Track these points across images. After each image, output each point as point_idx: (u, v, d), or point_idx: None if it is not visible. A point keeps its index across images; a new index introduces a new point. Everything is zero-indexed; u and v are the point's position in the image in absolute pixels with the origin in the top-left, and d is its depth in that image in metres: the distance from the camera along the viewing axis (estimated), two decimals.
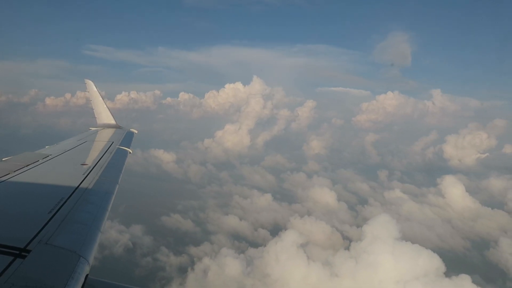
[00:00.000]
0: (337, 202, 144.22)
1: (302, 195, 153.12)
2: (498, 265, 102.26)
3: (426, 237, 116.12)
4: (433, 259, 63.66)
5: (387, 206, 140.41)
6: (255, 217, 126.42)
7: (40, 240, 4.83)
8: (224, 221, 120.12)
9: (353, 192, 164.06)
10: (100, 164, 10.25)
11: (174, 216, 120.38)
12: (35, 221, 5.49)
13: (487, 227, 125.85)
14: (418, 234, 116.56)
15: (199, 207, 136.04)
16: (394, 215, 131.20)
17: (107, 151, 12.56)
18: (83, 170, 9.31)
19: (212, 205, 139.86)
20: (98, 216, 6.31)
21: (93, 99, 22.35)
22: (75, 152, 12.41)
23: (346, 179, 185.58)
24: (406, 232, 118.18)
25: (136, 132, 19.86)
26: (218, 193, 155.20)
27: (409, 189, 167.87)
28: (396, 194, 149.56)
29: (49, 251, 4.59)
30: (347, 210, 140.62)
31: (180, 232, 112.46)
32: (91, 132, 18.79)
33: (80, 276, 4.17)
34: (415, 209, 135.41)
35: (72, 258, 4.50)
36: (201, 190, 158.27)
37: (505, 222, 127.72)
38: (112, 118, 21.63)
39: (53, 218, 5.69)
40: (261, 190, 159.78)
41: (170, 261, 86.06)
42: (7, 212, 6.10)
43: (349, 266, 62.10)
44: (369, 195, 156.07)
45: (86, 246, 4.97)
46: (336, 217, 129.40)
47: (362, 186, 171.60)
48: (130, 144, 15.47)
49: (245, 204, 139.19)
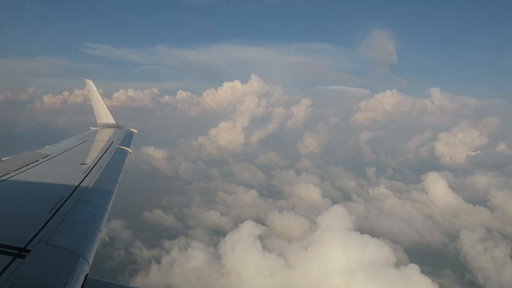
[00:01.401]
0: (322, 198, 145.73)
1: (288, 191, 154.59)
2: (467, 258, 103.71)
3: (404, 232, 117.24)
4: (383, 249, 65.05)
5: (370, 202, 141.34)
6: (237, 213, 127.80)
7: (40, 239, 4.82)
8: (205, 217, 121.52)
9: (339, 189, 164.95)
10: (100, 163, 10.24)
11: (156, 212, 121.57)
12: (35, 220, 5.48)
13: (468, 223, 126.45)
14: (396, 229, 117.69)
15: (184, 203, 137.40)
16: (375, 211, 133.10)
17: (107, 151, 12.57)
18: (83, 169, 9.33)
19: (197, 201, 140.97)
20: (98, 216, 6.33)
21: (93, 99, 22.38)
22: (75, 152, 12.46)
23: (335, 176, 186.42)
24: (384, 227, 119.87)
25: (136, 132, 19.96)
26: (205, 190, 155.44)
27: (396, 186, 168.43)
28: (381, 191, 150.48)
29: (48, 250, 4.60)
30: (331, 206, 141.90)
31: (161, 227, 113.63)
32: (91, 131, 18.82)
33: (79, 276, 4.19)
34: (397, 205, 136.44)
35: (72, 258, 4.52)
36: (188, 187, 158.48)
37: (485, 218, 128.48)
38: (112, 118, 21.68)
39: (52, 217, 5.69)
40: (249, 186, 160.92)
41: (142, 254, 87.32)
42: (7, 211, 6.09)
43: (301, 256, 63.59)
44: (354, 192, 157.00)
45: (86, 246, 4.99)
46: (318, 213, 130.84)
47: (350, 183, 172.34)
48: (130, 144, 15.56)
49: (229, 200, 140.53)
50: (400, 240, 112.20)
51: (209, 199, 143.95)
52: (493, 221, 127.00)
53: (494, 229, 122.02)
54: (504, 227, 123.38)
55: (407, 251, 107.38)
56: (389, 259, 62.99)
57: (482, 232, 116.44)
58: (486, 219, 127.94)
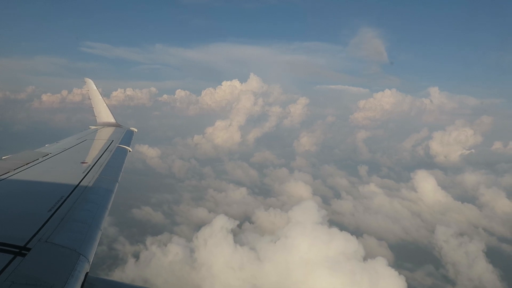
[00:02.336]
0: (311, 196, 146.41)
1: (278, 189, 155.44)
2: (441, 253, 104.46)
3: (390, 229, 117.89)
4: (351, 243, 65.91)
5: (359, 200, 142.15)
6: (225, 210, 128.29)
7: (40, 238, 4.79)
8: (193, 214, 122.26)
9: (331, 187, 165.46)
10: (100, 162, 10.18)
11: (145, 209, 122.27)
12: (35, 219, 5.45)
13: (455, 220, 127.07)
14: (382, 226, 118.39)
15: (174, 200, 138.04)
16: (363, 208, 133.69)
17: (107, 150, 12.52)
18: (83, 168, 9.27)
19: (187, 198, 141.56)
20: (98, 214, 6.30)
21: (93, 98, 22.18)
22: (75, 151, 12.40)
23: (328, 174, 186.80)
24: (370, 224, 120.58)
25: (136, 131, 19.88)
26: (196, 187, 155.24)
27: (387, 184, 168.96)
28: (371, 189, 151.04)
29: (49, 249, 4.58)
30: (321, 203, 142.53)
31: (149, 223, 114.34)
32: (91, 130, 18.70)
33: (80, 274, 4.17)
34: (385, 202, 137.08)
35: (72, 256, 4.49)
36: (179, 184, 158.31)
37: (473, 216, 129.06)
38: (112, 117, 21.54)
39: (53, 216, 5.65)
40: (241, 184, 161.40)
41: (124, 249, 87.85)
42: (7, 210, 6.05)
43: (271, 250, 64.58)
44: (345, 190, 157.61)
45: (86, 245, 4.96)
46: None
47: (342, 181, 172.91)
48: (130, 142, 15.54)
49: (219, 197, 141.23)
50: (385, 237, 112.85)
51: (199, 196, 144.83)
52: (481, 219, 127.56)
53: (481, 226, 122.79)
54: (491, 224, 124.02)
55: (392, 248, 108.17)
56: (357, 252, 64.07)
57: (462, 228, 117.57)
58: (474, 216, 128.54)
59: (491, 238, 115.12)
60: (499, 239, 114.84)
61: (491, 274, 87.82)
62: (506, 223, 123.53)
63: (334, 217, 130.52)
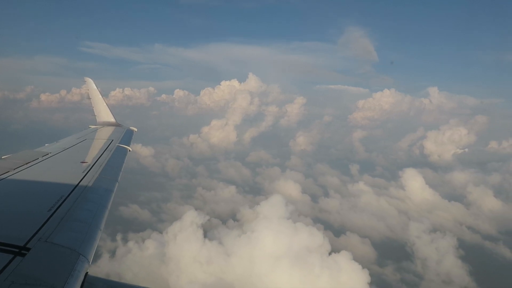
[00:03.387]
0: (301, 194, 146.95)
1: (268, 188, 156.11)
2: (413, 249, 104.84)
3: (374, 227, 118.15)
4: (317, 238, 66.60)
5: (347, 198, 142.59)
6: (212, 208, 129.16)
7: (39, 238, 4.76)
8: (179, 211, 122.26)
9: (321, 185, 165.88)
10: (99, 162, 10.11)
11: (132, 206, 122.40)
12: (35, 219, 5.41)
13: (442, 218, 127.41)
14: (367, 224, 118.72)
15: (162, 198, 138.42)
16: (350, 206, 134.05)
17: (106, 149, 12.46)
18: (82, 168, 9.22)
19: (176, 196, 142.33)
20: (98, 214, 6.28)
21: (93, 97, 22.03)
22: (75, 150, 12.30)
23: (321, 173, 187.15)
24: (355, 222, 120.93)
25: (136, 130, 19.81)
26: (186, 186, 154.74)
27: (378, 182, 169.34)
28: (360, 187, 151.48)
29: (48, 249, 4.54)
30: (309, 202, 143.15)
31: (135, 221, 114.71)
32: (90, 130, 18.56)
33: (79, 274, 4.15)
34: (372, 201, 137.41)
35: (72, 256, 4.47)
36: (170, 183, 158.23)
37: (459, 214, 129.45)
38: (111, 116, 21.40)
39: (52, 216, 5.62)
40: (232, 183, 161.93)
41: (105, 245, 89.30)
42: (7, 210, 6.00)
43: (238, 244, 65.37)
44: (336, 189, 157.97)
45: (86, 244, 4.94)
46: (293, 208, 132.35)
47: (333, 180, 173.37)
48: (129, 142, 15.47)
49: (208, 195, 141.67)
50: (369, 234, 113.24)
51: (189, 194, 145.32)
52: (467, 217, 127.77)
53: (466, 224, 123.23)
54: (477, 222, 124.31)
55: (375, 245, 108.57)
56: (323, 247, 64.81)
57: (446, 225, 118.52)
58: (460, 214, 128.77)
59: (474, 236, 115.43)
60: (483, 237, 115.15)
61: (459, 269, 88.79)
62: (492, 221, 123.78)
63: (320, 215, 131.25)
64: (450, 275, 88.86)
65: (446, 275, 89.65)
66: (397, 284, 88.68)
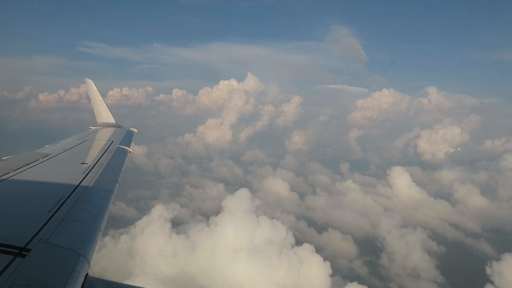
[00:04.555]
0: (289, 192, 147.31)
1: (257, 186, 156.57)
2: (383, 243, 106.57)
3: (358, 224, 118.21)
4: (280, 231, 67.06)
5: (334, 196, 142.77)
6: (198, 205, 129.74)
7: (40, 239, 4.72)
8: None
9: (311, 184, 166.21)
10: (100, 163, 10.07)
11: (118, 204, 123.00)
12: (35, 220, 5.36)
13: (427, 216, 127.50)
14: (350, 221, 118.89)
15: (150, 196, 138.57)
16: (336, 204, 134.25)
17: (107, 150, 12.40)
18: (83, 169, 9.15)
19: (165, 194, 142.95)
20: (98, 215, 6.23)
21: (93, 98, 21.83)
22: (75, 151, 12.22)
23: (312, 172, 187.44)
24: (339, 219, 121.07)
25: (136, 131, 19.68)
26: (175, 184, 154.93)
27: (368, 181, 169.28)
28: (348, 185, 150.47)
29: (49, 250, 4.51)
30: (297, 199, 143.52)
31: (120, 218, 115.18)
32: (91, 131, 18.46)
33: (80, 275, 4.12)
34: (358, 198, 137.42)
35: (72, 257, 4.43)
36: (160, 181, 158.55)
37: (444, 211, 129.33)
38: (112, 117, 21.24)
39: (53, 217, 5.57)
40: (224, 182, 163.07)
41: None
42: (7, 211, 5.93)
43: (203, 237, 65.88)
44: (324, 187, 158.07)
45: (86, 245, 4.89)
46: (279, 205, 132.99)
47: (323, 178, 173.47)
48: (130, 143, 15.36)
49: (195, 193, 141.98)
50: (352, 231, 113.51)
51: (177, 192, 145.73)
52: (452, 214, 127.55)
53: (450, 221, 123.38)
54: (462, 220, 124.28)
55: (357, 241, 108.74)
56: (286, 240, 65.27)
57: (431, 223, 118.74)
58: (445, 212, 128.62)
59: (457, 233, 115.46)
60: (465, 234, 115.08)
61: (428, 263, 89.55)
62: (476, 218, 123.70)
63: (306, 212, 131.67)
64: (419, 269, 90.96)
65: (414, 269, 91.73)
66: (366, 276, 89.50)
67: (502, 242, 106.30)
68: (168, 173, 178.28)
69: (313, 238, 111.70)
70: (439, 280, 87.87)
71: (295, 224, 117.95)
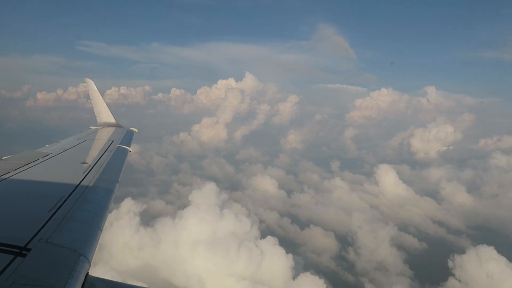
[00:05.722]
0: (277, 189, 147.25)
1: (246, 183, 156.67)
2: (353, 238, 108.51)
3: (341, 221, 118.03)
4: (245, 225, 67.37)
5: (320, 193, 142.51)
6: (184, 202, 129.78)
7: (40, 238, 4.70)
8: (150, 206, 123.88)
9: (301, 181, 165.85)
10: (100, 162, 10.04)
11: None
12: (36, 219, 5.35)
13: (411, 213, 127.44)
14: (333, 218, 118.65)
15: (138, 193, 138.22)
16: (321, 201, 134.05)
17: (107, 150, 12.39)
18: (83, 168, 9.12)
19: (152, 192, 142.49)
20: (98, 214, 6.22)
21: (93, 98, 21.81)
22: (75, 151, 12.16)
23: (303, 170, 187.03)
24: (322, 216, 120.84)
25: (136, 131, 19.65)
26: (165, 182, 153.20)
27: (358, 179, 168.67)
28: (335, 183, 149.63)
29: (49, 249, 4.50)
30: (284, 197, 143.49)
31: None
32: (91, 130, 18.41)
33: (80, 275, 4.11)
34: (345, 196, 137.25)
35: (73, 257, 4.43)
36: (149, 179, 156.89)
37: (429, 208, 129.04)
38: (112, 117, 21.25)
39: (53, 216, 5.56)
40: (213, 179, 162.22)
41: None
42: (7, 210, 5.91)
43: (168, 231, 66.23)
44: (313, 184, 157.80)
45: (86, 245, 4.90)
46: (265, 202, 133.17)
47: (313, 176, 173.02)
48: (130, 143, 15.42)
49: (183, 191, 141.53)
50: (334, 228, 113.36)
51: (165, 190, 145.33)
52: (436, 211, 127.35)
53: (434, 218, 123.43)
54: (446, 217, 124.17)
55: (338, 238, 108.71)
56: (251, 234, 65.52)
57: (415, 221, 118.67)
58: (431, 209, 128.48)
59: (439, 230, 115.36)
60: (448, 231, 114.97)
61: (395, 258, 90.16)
62: (461, 216, 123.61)
63: (291, 209, 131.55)
64: (386, 263, 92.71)
65: (382, 264, 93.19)
66: (340, 271, 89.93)
67: (484, 239, 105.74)
68: (159, 171, 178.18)
69: (295, 234, 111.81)
70: (407, 273, 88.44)
71: (278, 221, 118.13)
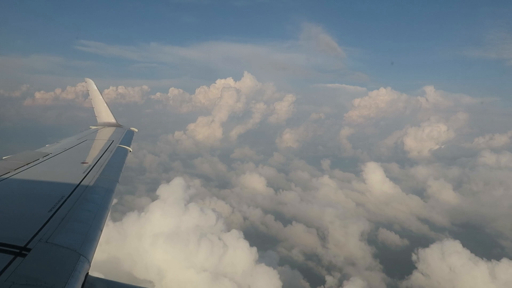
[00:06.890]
0: (265, 187, 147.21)
1: (235, 181, 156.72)
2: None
3: (325, 218, 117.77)
4: (210, 218, 67.47)
5: (307, 191, 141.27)
6: None
7: (40, 238, 4.67)
8: (137, 203, 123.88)
9: (290, 180, 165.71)
10: (100, 162, 9.97)
11: None
12: (36, 219, 5.31)
13: (397, 210, 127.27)
14: (317, 215, 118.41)
15: (126, 191, 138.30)
16: (306, 199, 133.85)
17: (107, 150, 12.31)
18: (83, 168, 9.05)
19: (141, 189, 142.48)
20: (98, 214, 6.17)
21: (93, 98, 21.72)
22: (76, 151, 12.10)
23: (294, 168, 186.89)
24: (306, 213, 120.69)
25: (137, 131, 19.61)
26: (154, 180, 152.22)
27: (347, 176, 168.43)
28: (323, 181, 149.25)
29: (49, 249, 4.46)
30: (272, 194, 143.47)
31: None
32: (91, 130, 18.34)
33: (80, 275, 4.09)
34: (331, 193, 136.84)
35: (72, 257, 4.40)
36: (139, 177, 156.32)
37: (414, 206, 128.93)
38: (112, 117, 21.16)
39: (53, 216, 5.52)
40: (203, 177, 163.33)
41: None
42: (7, 210, 5.85)
43: (134, 225, 66.44)
44: (300, 182, 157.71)
45: (86, 245, 4.87)
46: (252, 199, 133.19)
47: (303, 174, 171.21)
48: (130, 142, 15.29)
49: None
50: (317, 224, 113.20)
51: (153, 188, 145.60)
52: (422, 209, 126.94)
53: (419, 215, 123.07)
54: (431, 214, 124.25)
55: (319, 234, 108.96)
56: (216, 227, 65.65)
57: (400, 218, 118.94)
58: (416, 207, 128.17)
59: (422, 227, 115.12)
60: (431, 228, 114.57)
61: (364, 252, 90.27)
62: (446, 213, 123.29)
63: (277, 207, 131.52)
64: (355, 257, 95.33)
65: (352, 258, 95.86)
66: (315, 266, 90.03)
67: (468, 236, 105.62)
68: (151, 169, 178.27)
69: (278, 230, 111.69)
70: (377, 268, 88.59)
71: (261, 218, 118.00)
